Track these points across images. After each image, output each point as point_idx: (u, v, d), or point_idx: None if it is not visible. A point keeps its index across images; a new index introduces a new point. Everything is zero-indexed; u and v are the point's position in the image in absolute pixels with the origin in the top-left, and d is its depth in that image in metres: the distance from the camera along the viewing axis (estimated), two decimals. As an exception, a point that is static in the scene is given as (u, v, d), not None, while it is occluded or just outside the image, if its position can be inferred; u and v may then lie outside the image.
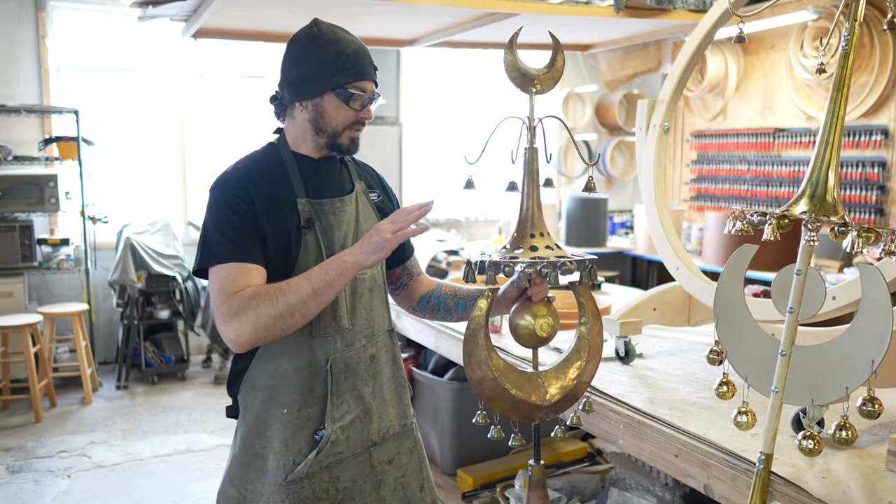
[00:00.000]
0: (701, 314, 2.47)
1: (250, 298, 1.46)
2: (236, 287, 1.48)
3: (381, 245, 1.48)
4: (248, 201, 1.53)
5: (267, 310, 1.45)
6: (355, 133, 1.63)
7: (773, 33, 5.74)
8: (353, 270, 1.49)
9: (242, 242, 1.51)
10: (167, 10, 4.08)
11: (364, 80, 1.60)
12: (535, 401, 1.47)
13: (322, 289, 1.47)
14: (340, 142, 1.62)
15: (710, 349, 1.50)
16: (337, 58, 1.57)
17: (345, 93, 1.57)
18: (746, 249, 1.48)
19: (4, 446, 4.15)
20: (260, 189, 1.56)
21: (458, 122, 6.98)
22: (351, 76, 1.58)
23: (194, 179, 6.10)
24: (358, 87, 1.59)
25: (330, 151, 1.65)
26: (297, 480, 1.57)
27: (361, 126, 1.64)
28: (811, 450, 1.33)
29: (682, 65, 2.32)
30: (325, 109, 1.59)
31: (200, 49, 5.87)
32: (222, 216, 1.53)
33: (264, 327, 1.45)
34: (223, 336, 1.49)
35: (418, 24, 4.54)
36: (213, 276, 1.51)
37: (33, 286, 5.47)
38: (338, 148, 1.63)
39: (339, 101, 1.58)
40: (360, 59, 1.60)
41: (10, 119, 5.30)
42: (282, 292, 1.46)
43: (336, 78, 1.57)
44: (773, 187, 5.85)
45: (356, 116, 1.61)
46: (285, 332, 1.49)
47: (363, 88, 1.60)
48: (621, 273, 6.45)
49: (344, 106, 1.59)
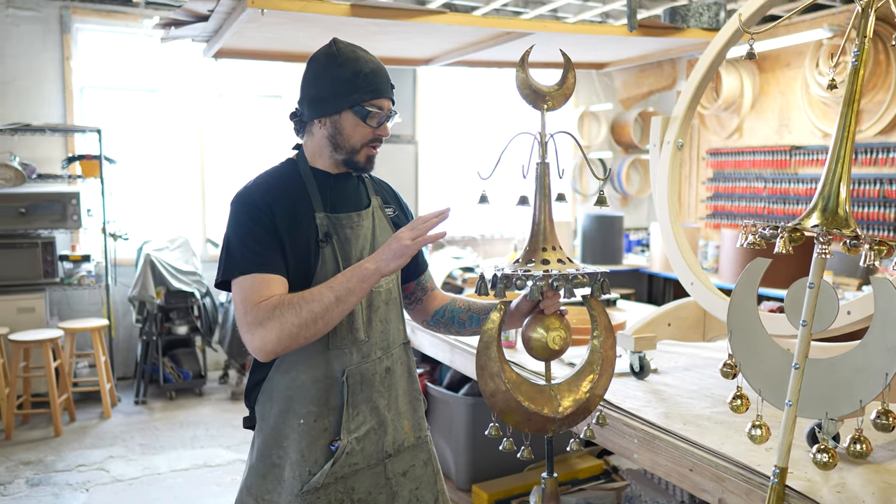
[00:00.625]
0: (716, 329, 2.46)
1: (274, 308, 1.48)
2: (259, 297, 1.51)
3: (400, 251, 1.50)
4: (269, 214, 1.57)
5: (291, 318, 1.47)
6: (372, 151, 1.66)
7: (789, 51, 5.75)
8: (375, 277, 1.52)
9: (264, 253, 1.54)
10: (189, 31, 4.17)
11: (381, 98, 1.63)
12: (547, 413, 1.48)
13: (344, 296, 1.50)
14: (357, 159, 1.65)
15: (724, 363, 1.51)
16: (355, 76, 1.60)
17: (362, 110, 1.61)
18: (759, 263, 1.49)
19: (24, 460, 4.20)
20: (280, 202, 1.59)
21: (473, 140, 7.03)
22: (368, 94, 1.61)
23: (213, 197, 6.18)
24: (375, 105, 1.62)
25: (346, 169, 1.68)
26: (313, 491, 1.59)
27: (378, 143, 1.67)
28: (826, 463, 1.33)
29: (696, 82, 2.34)
30: (343, 127, 1.62)
31: (220, 69, 5.98)
32: (245, 228, 1.56)
33: (289, 336, 1.48)
34: (248, 345, 1.52)
35: (434, 44, 4.60)
36: (237, 287, 1.54)
37: (55, 302, 5.55)
38: (354, 165, 1.67)
39: (357, 118, 1.61)
40: (378, 77, 1.63)
41: (34, 138, 5.41)
42: (305, 301, 1.49)
43: (354, 96, 1.60)
44: (789, 205, 5.83)
45: (373, 134, 1.64)
46: (308, 340, 1.51)
47: (380, 106, 1.63)
48: (637, 290, 6.43)
49: (361, 123, 1.62)
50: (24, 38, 5.38)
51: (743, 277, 1.51)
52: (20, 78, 5.39)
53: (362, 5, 3.58)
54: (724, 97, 6.09)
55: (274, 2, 3.35)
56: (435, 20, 3.80)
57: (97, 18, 5.57)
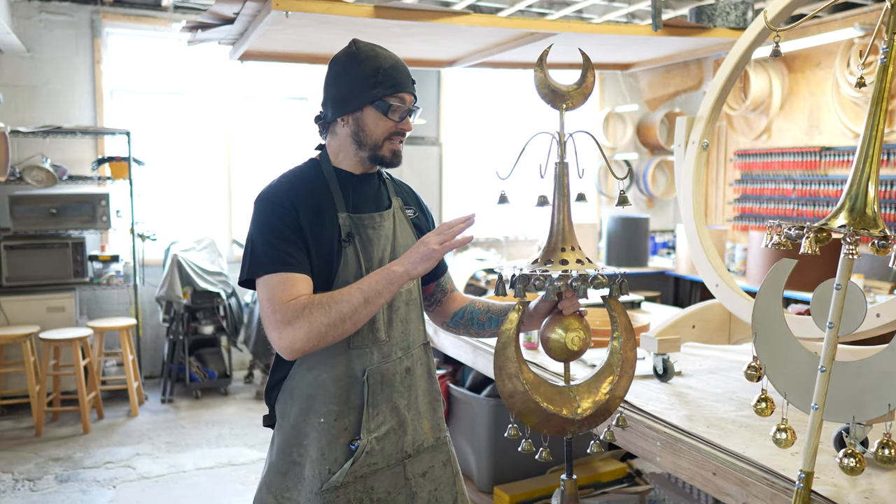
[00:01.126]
0: (742, 332, 2.42)
1: (304, 307, 1.49)
2: (287, 296, 1.51)
3: (428, 255, 1.52)
4: (294, 213, 1.57)
5: (320, 318, 1.48)
6: (396, 145, 1.67)
7: (819, 51, 5.65)
8: (402, 280, 1.53)
9: (290, 252, 1.55)
10: (216, 33, 4.22)
11: (402, 91, 1.64)
12: (566, 415, 1.47)
13: (373, 298, 1.51)
14: (382, 154, 1.66)
15: (749, 365, 1.48)
16: (375, 72, 1.62)
17: (383, 105, 1.61)
18: (785, 264, 1.46)
19: (54, 456, 4.28)
20: (304, 202, 1.60)
21: (497, 142, 7.02)
22: (389, 88, 1.62)
23: (239, 199, 6.24)
24: (396, 98, 1.63)
25: (372, 164, 1.69)
26: (332, 490, 1.59)
27: (401, 137, 1.67)
28: (853, 468, 1.30)
29: (722, 81, 2.31)
30: (366, 122, 1.63)
31: (246, 72, 6.05)
32: (269, 226, 1.57)
33: (317, 335, 1.49)
34: (275, 343, 1.52)
35: (458, 46, 4.60)
36: (263, 286, 1.55)
37: (84, 301, 5.64)
38: (380, 160, 1.67)
39: (379, 113, 1.62)
40: (398, 72, 1.64)
41: (65, 140, 5.52)
42: (334, 301, 1.50)
43: (375, 91, 1.61)
44: (819, 206, 5.74)
45: (396, 127, 1.64)
46: (335, 339, 1.52)
47: (402, 99, 1.64)
48: (663, 293, 6.37)
49: (383, 118, 1.62)
50: (57, 42, 5.49)
51: (768, 278, 1.48)
52: (52, 81, 5.50)
53: (386, 7, 3.60)
54: (752, 98, 6.01)
55: (298, 4, 3.37)
56: (459, 21, 3.80)
57: (127, 23, 5.66)
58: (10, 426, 4.79)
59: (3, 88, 5.30)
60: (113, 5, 5.55)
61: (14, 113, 5.37)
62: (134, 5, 5.64)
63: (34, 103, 5.46)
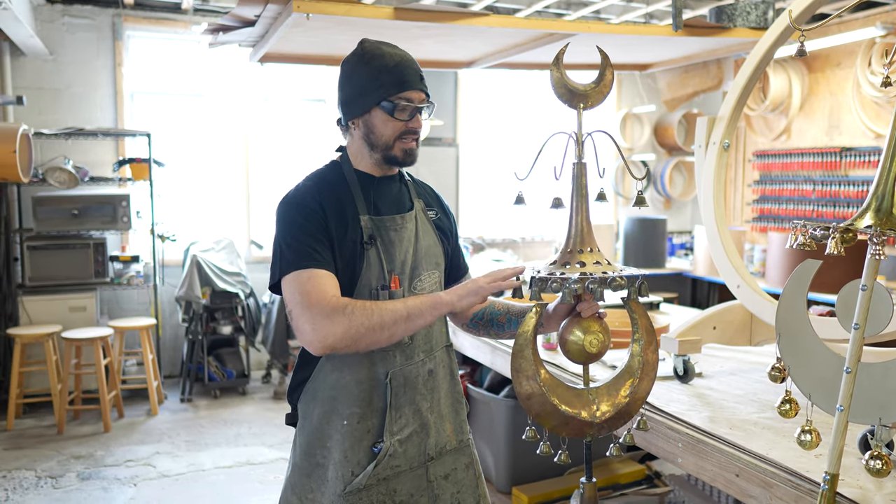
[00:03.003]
0: (763, 334, 2.41)
1: (345, 305, 1.49)
2: (323, 290, 1.51)
3: (475, 290, 1.55)
4: (321, 213, 1.58)
5: (361, 319, 1.48)
6: (407, 144, 1.64)
7: (839, 51, 5.60)
8: (446, 309, 1.55)
9: (319, 250, 1.55)
10: (236, 36, 4.25)
11: (408, 90, 1.61)
12: (584, 417, 1.45)
13: (415, 315, 1.52)
14: (394, 154, 1.64)
15: (772, 366, 1.47)
16: (379, 72, 1.60)
17: (389, 105, 1.60)
18: (809, 265, 1.45)
19: (75, 454, 4.33)
20: (329, 203, 1.60)
21: (515, 143, 7.01)
22: (394, 88, 1.60)
23: (258, 199, 6.29)
24: (402, 98, 1.61)
25: (387, 165, 1.68)
26: (356, 492, 1.60)
27: (413, 136, 1.65)
28: (879, 470, 1.29)
29: (743, 81, 2.30)
30: (374, 124, 1.62)
31: (265, 74, 6.09)
32: (297, 226, 1.57)
33: (354, 335, 1.48)
34: (305, 337, 1.50)
35: (476, 47, 4.60)
36: (293, 281, 1.53)
37: (105, 301, 5.71)
38: (393, 161, 1.66)
39: (385, 113, 1.61)
40: (403, 70, 1.62)
41: (87, 142, 5.58)
42: (377, 307, 1.51)
43: (380, 91, 1.60)
44: (840, 207, 5.68)
45: (405, 126, 1.63)
46: (368, 347, 1.52)
47: (408, 98, 1.61)
48: (680, 294, 6.33)
49: (391, 118, 1.61)
50: (79, 45, 5.55)
51: (793, 279, 1.47)
52: (74, 84, 5.57)
53: (405, 8, 3.61)
54: (771, 98, 5.96)
55: (319, 6, 3.39)
56: (477, 22, 3.80)
57: (148, 25, 5.72)
58: (32, 424, 4.86)
59: (27, 91, 5.38)
60: (134, 8, 5.61)
61: (37, 115, 5.45)
62: (155, 8, 5.70)
63: (56, 106, 5.53)
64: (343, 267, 1.59)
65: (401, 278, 1.64)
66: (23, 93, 5.28)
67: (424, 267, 1.70)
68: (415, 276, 1.68)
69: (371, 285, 1.60)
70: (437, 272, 1.74)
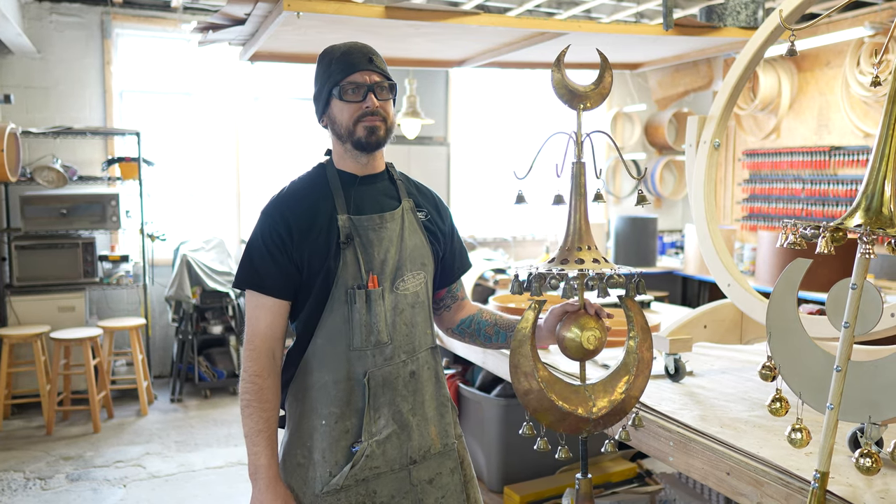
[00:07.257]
0: (754, 332, 2.42)
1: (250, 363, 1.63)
2: (252, 327, 1.63)
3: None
4: (283, 226, 1.62)
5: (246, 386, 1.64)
6: (369, 123, 1.63)
7: (828, 50, 5.63)
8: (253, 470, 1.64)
9: (267, 274, 1.62)
10: (226, 34, 4.23)
11: (353, 72, 1.63)
12: (581, 413, 1.47)
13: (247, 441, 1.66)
14: (358, 137, 1.64)
15: (763, 365, 1.48)
16: (329, 64, 1.65)
17: (339, 90, 1.63)
18: (800, 263, 1.46)
19: (64, 455, 4.30)
20: (298, 212, 1.63)
21: (505, 142, 7.01)
22: (340, 74, 1.63)
23: (248, 199, 6.26)
24: (350, 81, 1.63)
25: (360, 152, 1.66)
26: (334, 492, 1.59)
27: (371, 116, 1.63)
28: (868, 468, 1.30)
29: (734, 81, 2.31)
30: (334, 114, 1.66)
31: (256, 73, 6.06)
32: (256, 241, 1.65)
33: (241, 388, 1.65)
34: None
35: (468, 46, 4.60)
36: (247, 299, 1.67)
37: (94, 301, 5.67)
38: (360, 145, 1.64)
39: (338, 100, 1.64)
40: (349, 55, 1.64)
41: (76, 141, 5.55)
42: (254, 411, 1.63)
43: (330, 81, 1.64)
44: (829, 206, 5.72)
45: (360, 108, 1.63)
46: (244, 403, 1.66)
47: (355, 81, 1.63)
48: (671, 293, 6.35)
49: (343, 102, 1.64)
50: (67, 43, 5.51)
51: (783, 277, 1.48)
52: (62, 82, 5.53)
53: (396, 7, 3.60)
54: (761, 97, 5.99)
55: (310, 4, 3.38)
56: (469, 21, 3.79)
57: (137, 24, 5.68)
58: (21, 425, 4.82)
59: (15, 90, 5.33)
60: (123, 6, 5.58)
61: (25, 114, 5.40)
62: (143, 6, 5.67)
63: (45, 104, 5.49)
64: (318, 268, 1.61)
65: (380, 278, 1.62)
66: (10, 91, 5.24)
67: (409, 267, 1.68)
68: (397, 277, 1.66)
69: (347, 284, 1.60)
70: (422, 273, 1.71)
